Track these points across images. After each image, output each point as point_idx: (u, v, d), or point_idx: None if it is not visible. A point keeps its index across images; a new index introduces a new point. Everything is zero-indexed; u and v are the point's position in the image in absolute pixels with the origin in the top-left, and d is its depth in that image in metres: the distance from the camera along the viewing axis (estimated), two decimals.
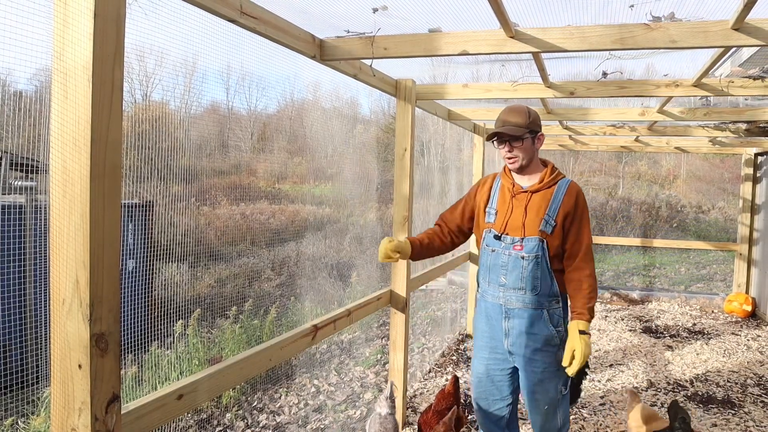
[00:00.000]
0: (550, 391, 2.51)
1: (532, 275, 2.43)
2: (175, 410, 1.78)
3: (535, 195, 2.48)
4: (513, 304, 2.47)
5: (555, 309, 2.48)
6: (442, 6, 2.43)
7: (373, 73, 3.24)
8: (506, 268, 2.46)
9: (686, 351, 5.68)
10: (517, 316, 2.47)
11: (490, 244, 2.52)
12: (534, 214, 2.44)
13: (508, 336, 2.50)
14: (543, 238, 2.41)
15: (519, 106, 2.49)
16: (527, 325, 2.46)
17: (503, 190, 2.56)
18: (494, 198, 2.58)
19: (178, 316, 4.88)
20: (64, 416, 1.36)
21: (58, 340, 1.35)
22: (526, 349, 2.46)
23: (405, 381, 3.78)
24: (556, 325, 2.48)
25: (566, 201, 2.45)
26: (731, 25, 2.19)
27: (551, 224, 2.42)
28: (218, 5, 1.93)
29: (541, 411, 2.54)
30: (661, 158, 17.24)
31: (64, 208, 1.32)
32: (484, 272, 2.57)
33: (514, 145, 2.43)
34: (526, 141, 2.44)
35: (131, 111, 6.21)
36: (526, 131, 2.42)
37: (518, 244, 2.44)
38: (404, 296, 3.67)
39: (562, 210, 2.43)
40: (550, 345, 2.47)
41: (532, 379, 2.49)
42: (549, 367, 2.48)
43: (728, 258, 11.57)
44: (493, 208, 2.56)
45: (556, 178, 2.50)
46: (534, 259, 2.41)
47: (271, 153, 10.32)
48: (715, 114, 4.50)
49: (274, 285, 7.96)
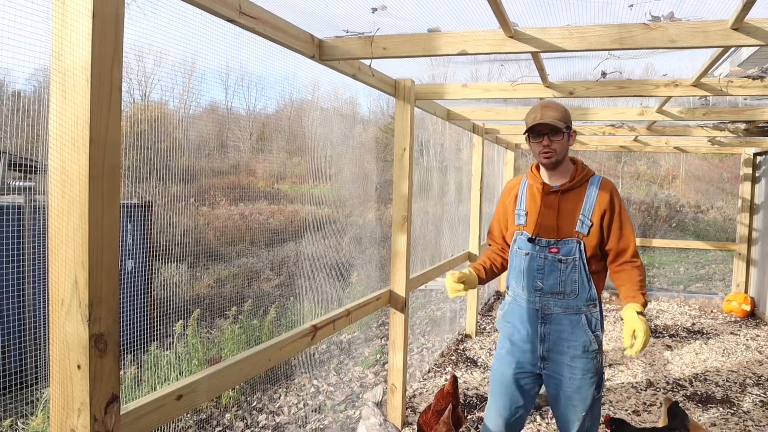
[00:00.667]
0: (588, 398, 2.42)
1: (570, 279, 2.34)
2: (175, 411, 1.77)
3: (567, 194, 2.39)
4: (550, 309, 2.38)
5: (593, 313, 2.40)
6: (442, 6, 2.43)
7: (372, 73, 3.24)
8: (543, 272, 2.37)
9: (685, 351, 5.68)
10: (554, 321, 2.38)
11: (522, 247, 2.43)
12: (568, 214, 2.36)
13: (544, 342, 2.41)
14: (580, 239, 2.33)
15: (553, 101, 2.42)
16: (565, 330, 2.37)
17: (532, 191, 2.47)
18: (522, 199, 2.49)
19: (177, 317, 4.87)
20: (63, 417, 1.36)
21: (57, 341, 1.35)
22: (564, 355, 2.38)
23: (404, 381, 3.77)
24: (594, 330, 2.40)
25: (601, 198, 2.35)
26: (730, 25, 2.19)
27: (587, 224, 2.33)
28: (217, 5, 1.93)
29: (579, 417, 2.44)
30: (660, 158, 17.26)
31: (63, 209, 1.32)
32: (518, 276, 2.47)
33: (553, 138, 2.33)
34: (564, 136, 2.35)
35: (130, 111, 6.20)
36: (564, 125, 2.34)
37: (554, 247, 2.35)
38: (403, 296, 3.67)
39: (598, 208, 2.34)
40: (588, 351, 2.38)
41: (570, 386, 2.39)
42: (587, 374, 2.39)
43: (727, 258, 11.58)
44: (522, 210, 2.47)
45: (587, 176, 2.42)
46: (572, 262, 2.33)
47: (270, 153, 10.32)
48: (714, 114, 4.50)
49: (273, 285, 7.96)
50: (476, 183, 6.17)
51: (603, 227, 2.35)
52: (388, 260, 3.76)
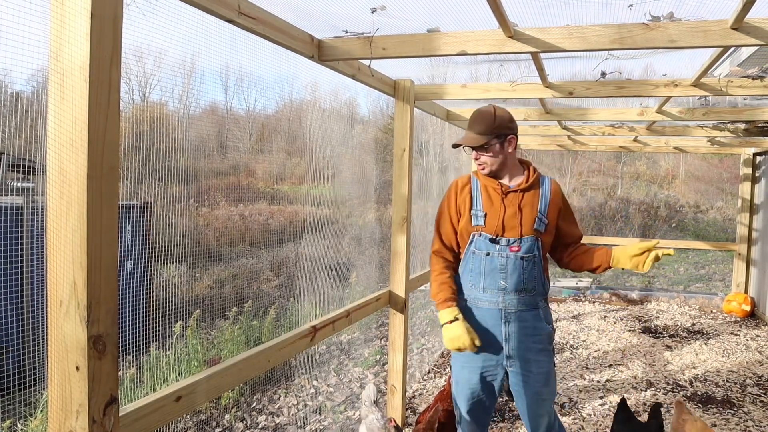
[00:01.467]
0: (554, 390, 2.52)
1: (531, 276, 2.41)
2: (174, 412, 1.77)
3: (525, 194, 2.45)
4: (514, 307, 2.42)
5: (545, 306, 2.51)
6: (441, 6, 2.43)
7: (372, 74, 3.24)
8: (506, 271, 2.39)
9: (685, 351, 5.68)
10: (517, 319, 2.42)
11: (482, 248, 2.42)
12: (527, 214, 2.42)
13: (508, 340, 2.43)
14: (538, 236, 2.41)
15: (485, 110, 2.41)
16: (529, 326, 2.43)
17: (487, 191, 2.46)
18: (478, 199, 2.48)
19: (176, 318, 4.87)
20: (61, 418, 1.35)
21: (56, 342, 1.34)
22: (530, 351, 2.43)
23: (404, 382, 3.77)
24: (549, 322, 2.50)
25: (554, 198, 2.47)
26: (730, 25, 2.19)
27: (544, 222, 2.42)
28: (216, 5, 1.92)
29: (549, 410, 2.51)
30: (659, 158, 17.27)
31: (62, 210, 1.32)
32: (476, 278, 2.44)
33: (481, 153, 2.41)
34: (493, 147, 2.38)
35: (129, 112, 6.20)
36: (492, 137, 2.36)
37: (515, 245, 2.38)
38: (403, 297, 3.66)
39: (553, 207, 2.45)
40: (548, 343, 2.48)
41: (539, 380, 2.45)
42: (551, 365, 2.48)
43: (727, 258, 11.58)
44: (479, 210, 2.45)
45: (539, 177, 2.52)
46: (532, 259, 2.40)
47: (269, 154, 10.32)
48: (713, 114, 4.50)
49: (273, 286, 7.95)
50: None
51: (557, 225, 2.49)
52: (388, 261, 3.76)
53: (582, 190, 16.52)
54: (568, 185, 16.40)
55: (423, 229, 6.96)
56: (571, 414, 4.10)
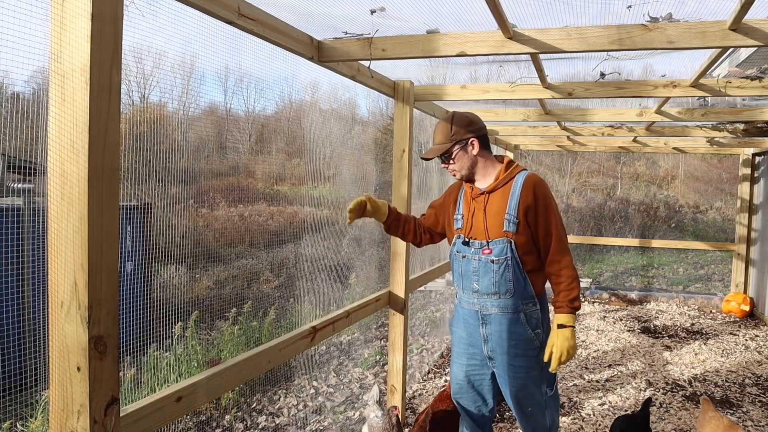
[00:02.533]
0: (535, 395, 2.47)
1: (504, 278, 2.36)
2: (174, 412, 1.77)
3: (492, 195, 2.41)
4: (489, 309, 2.42)
5: (532, 311, 2.42)
6: (440, 7, 2.43)
7: (371, 75, 3.25)
8: (478, 274, 2.41)
9: (684, 351, 5.69)
10: (494, 321, 2.42)
11: (460, 250, 2.48)
12: (494, 215, 2.38)
13: (487, 342, 2.46)
14: (510, 238, 2.34)
15: (443, 120, 2.45)
16: (505, 330, 2.41)
17: (466, 195, 2.53)
18: (460, 203, 2.55)
19: (176, 318, 4.87)
20: (62, 419, 1.36)
21: (57, 343, 1.35)
22: (507, 354, 2.42)
23: (404, 382, 3.77)
24: (534, 328, 2.42)
25: (524, 195, 2.34)
26: (729, 26, 2.19)
27: (514, 222, 2.34)
28: (216, 7, 1.93)
29: (527, 414, 2.51)
30: (659, 159, 17.27)
31: (62, 211, 1.32)
32: (458, 279, 2.52)
33: (447, 162, 2.44)
34: (457, 153, 2.41)
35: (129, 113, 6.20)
36: (452, 144, 2.39)
37: (486, 248, 2.38)
38: (403, 297, 3.67)
39: (522, 205, 2.34)
40: (530, 348, 2.42)
41: (515, 384, 2.44)
42: (531, 371, 2.43)
43: (726, 258, 11.58)
44: (459, 214, 2.53)
45: (513, 173, 2.42)
46: (504, 262, 2.35)
47: (269, 154, 10.32)
48: (712, 114, 4.51)
49: (272, 286, 7.95)
50: None
51: (530, 224, 2.35)
52: (388, 261, 3.76)
53: (581, 190, 16.53)
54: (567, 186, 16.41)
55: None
56: (570, 414, 4.10)
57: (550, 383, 2.52)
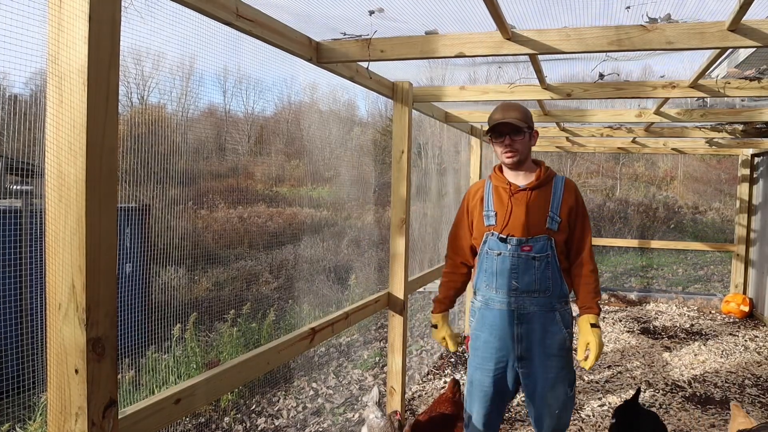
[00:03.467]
0: (561, 395, 2.45)
1: (545, 276, 2.36)
2: (173, 414, 1.77)
3: (535, 192, 2.42)
4: (526, 308, 2.39)
5: (566, 309, 2.43)
6: (439, 8, 2.43)
7: (370, 76, 3.24)
8: (517, 271, 2.38)
9: (684, 352, 5.68)
10: (530, 320, 2.39)
11: (494, 247, 2.42)
12: (538, 212, 2.38)
13: (520, 342, 2.41)
14: (550, 236, 2.35)
15: (513, 102, 2.47)
16: (541, 329, 2.39)
17: (498, 191, 2.48)
18: (489, 200, 2.50)
19: (175, 320, 4.86)
20: (60, 421, 1.35)
21: (55, 345, 1.34)
22: (541, 354, 2.40)
23: (403, 383, 3.77)
24: (567, 327, 2.43)
25: (567, 197, 2.41)
26: (727, 26, 2.19)
27: (557, 220, 2.36)
28: (214, 8, 1.92)
29: (553, 414, 2.47)
30: (658, 159, 17.29)
31: (60, 213, 1.32)
32: (489, 278, 2.45)
33: (514, 138, 2.38)
34: (525, 136, 2.41)
35: (128, 114, 6.20)
36: (526, 126, 2.40)
37: (526, 245, 2.36)
38: (402, 299, 3.66)
39: (565, 205, 2.39)
40: (563, 348, 2.41)
41: (545, 384, 2.42)
42: (561, 371, 2.42)
43: (725, 259, 11.59)
44: (491, 211, 2.47)
45: (551, 175, 2.47)
46: (545, 259, 2.35)
47: (268, 156, 10.31)
48: (711, 115, 4.51)
49: (271, 288, 7.95)
50: None
51: (570, 225, 2.41)
52: (387, 263, 3.76)
53: (581, 191, 16.55)
54: None
55: (422, 230, 6.97)
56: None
57: (572, 383, 2.50)
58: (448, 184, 7.49)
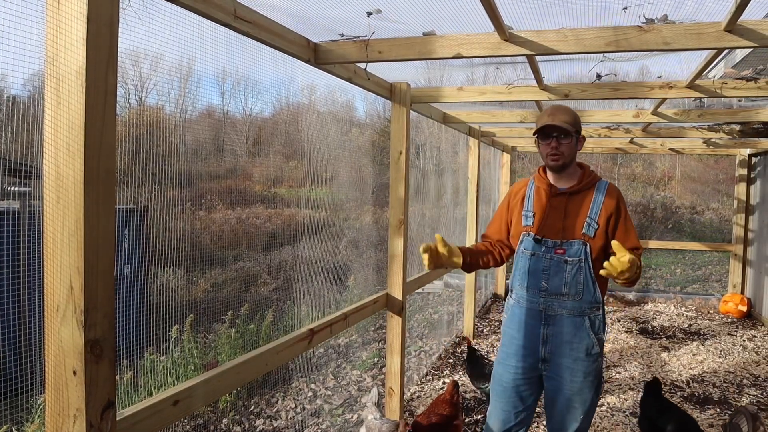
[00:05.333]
0: (587, 401, 2.42)
1: (575, 280, 2.34)
2: (171, 416, 1.77)
3: (574, 196, 2.41)
4: (554, 310, 2.38)
5: (597, 316, 2.40)
6: (437, 9, 2.44)
7: (368, 77, 3.25)
8: (548, 273, 2.38)
9: (682, 352, 5.69)
10: (557, 323, 2.38)
11: (528, 247, 2.43)
12: (575, 216, 2.37)
13: (546, 343, 2.40)
14: (586, 241, 2.34)
15: (564, 105, 2.45)
16: (568, 332, 2.37)
17: (539, 192, 2.49)
18: (530, 200, 2.50)
19: (173, 321, 4.85)
20: (58, 423, 1.35)
21: (53, 347, 1.34)
22: (567, 358, 2.38)
23: (402, 384, 3.77)
24: (597, 333, 2.40)
25: (608, 202, 2.38)
26: (724, 27, 2.20)
27: (594, 227, 2.35)
28: (212, 9, 1.93)
29: (578, 419, 2.44)
30: (655, 159, 17.31)
31: (58, 214, 1.32)
32: (522, 277, 2.46)
33: (561, 141, 2.36)
34: (572, 140, 2.38)
35: (126, 115, 6.19)
36: (574, 130, 2.37)
37: (560, 248, 2.36)
38: (400, 299, 3.67)
39: (604, 211, 2.36)
40: (589, 354, 2.38)
41: (571, 388, 2.39)
42: (588, 376, 2.39)
43: (723, 259, 11.61)
44: (530, 211, 2.48)
45: (594, 180, 2.45)
46: (578, 264, 2.33)
47: (266, 157, 10.30)
48: (708, 115, 4.52)
49: (270, 289, 7.94)
50: (472, 186, 6.18)
51: (608, 231, 2.37)
52: (385, 263, 3.76)
53: None
54: None
55: (420, 231, 6.97)
56: None
57: (597, 388, 2.46)
58: (446, 185, 7.49)
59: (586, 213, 2.37)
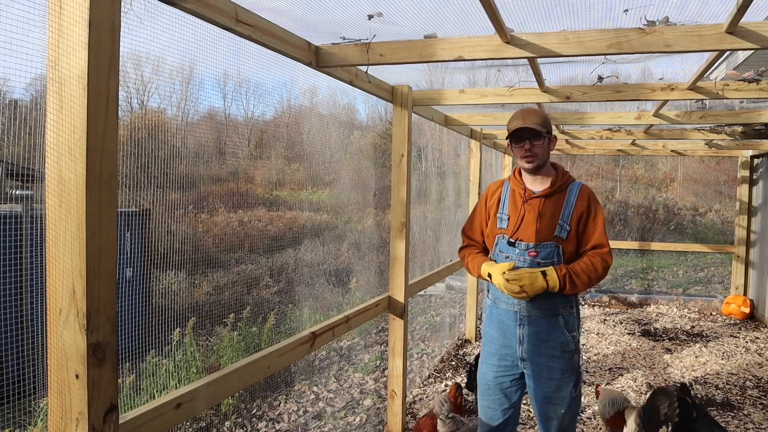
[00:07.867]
0: (566, 397, 2.49)
1: None
2: (174, 419, 1.77)
3: (547, 200, 2.45)
4: (528, 311, 2.43)
5: (570, 314, 2.47)
6: (438, 12, 2.44)
7: (369, 80, 3.25)
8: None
9: (685, 354, 5.68)
10: (532, 323, 2.44)
11: (503, 250, 2.48)
12: (548, 220, 2.42)
13: (522, 343, 2.47)
14: (558, 243, 2.39)
15: (533, 107, 2.50)
16: (543, 332, 2.43)
17: (514, 195, 2.53)
18: (505, 203, 2.55)
19: (175, 324, 4.86)
20: (61, 427, 1.35)
21: (55, 350, 1.34)
22: (542, 356, 2.44)
23: (404, 387, 3.76)
24: (571, 331, 2.47)
25: (579, 204, 2.43)
26: (725, 29, 2.20)
27: (566, 229, 2.40)
28: (213, 13, 1.93)
29: (558, 416, 2.52)
30: (657, 161, 17.29)
31: (60, 218, 1.32)
32: None
33: (534, 143, 2.41)
34: (545, 141, 2.43)
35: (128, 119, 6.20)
36: (546, 131, 2.42)
37: (533, 250, 2.40)
38: (403, 302, 3.66)
39: (576, 214, 2.42)
40: (565, 351, 2.45)
41: (549, 386, 2.47)
42: (565, 373, 2.46)
43: (726, 260, 11.59)
44: (504, 214, 2.53)
45: (567, 182, 2.50)
46: (550, 266, 2.37)
47: (268, 160, 10.31)
48: (710, 117, 4.51)
49: (272, 292, 7.94)
50: (474, 188, 6.17)
51: (579, 232, 2.43)
52: (387, 266, 3.76)
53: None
54: None
55: (422, 234, 6.97)
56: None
57: (576, 383, 2.53)
58: (448, 187, 7.50)
59: (558, 216, 2.42)
